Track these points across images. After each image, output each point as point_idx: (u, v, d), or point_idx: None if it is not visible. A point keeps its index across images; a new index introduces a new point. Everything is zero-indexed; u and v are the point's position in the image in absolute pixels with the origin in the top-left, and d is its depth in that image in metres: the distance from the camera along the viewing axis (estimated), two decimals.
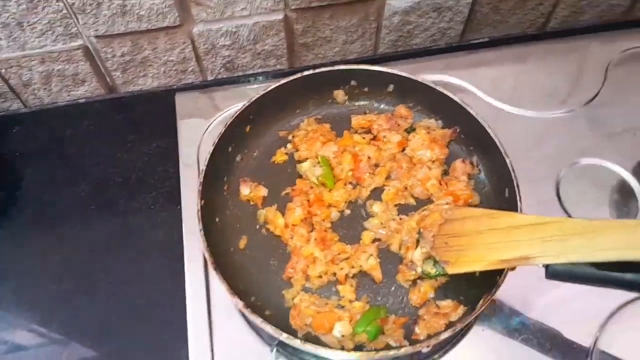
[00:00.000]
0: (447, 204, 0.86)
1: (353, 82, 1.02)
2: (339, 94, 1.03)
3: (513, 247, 0.72)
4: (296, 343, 0.68)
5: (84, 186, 1.05)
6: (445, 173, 0.95)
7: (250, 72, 1.17)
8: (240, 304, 0.71)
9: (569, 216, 0.93)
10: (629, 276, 0.64)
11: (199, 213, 0.78)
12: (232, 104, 1.08)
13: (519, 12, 1.16)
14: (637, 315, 0.84)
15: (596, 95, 1.10)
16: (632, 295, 0.84)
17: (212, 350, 0.82)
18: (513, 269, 0.75)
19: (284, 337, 0.69)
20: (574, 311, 0.85)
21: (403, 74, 0.97)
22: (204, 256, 0.83)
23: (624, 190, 0.98)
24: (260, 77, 1.17)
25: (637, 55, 1.15)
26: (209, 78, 1.17)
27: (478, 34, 1.21)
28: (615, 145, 1.02)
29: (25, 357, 0.87)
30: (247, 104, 0.88)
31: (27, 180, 1.06)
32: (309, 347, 0.69)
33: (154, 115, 1.14)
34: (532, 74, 1.15)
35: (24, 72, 1.06)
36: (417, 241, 0.83)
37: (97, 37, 1.02)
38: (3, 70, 1.05)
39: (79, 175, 1.07)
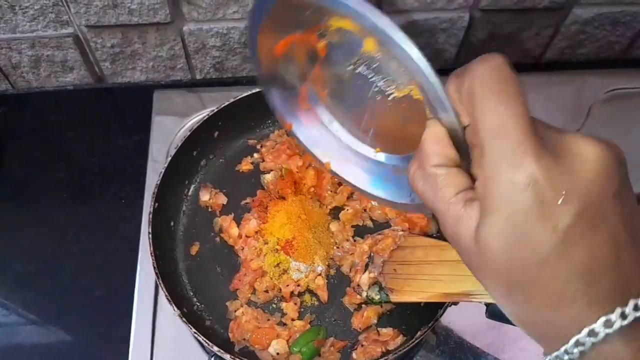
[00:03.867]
0: (402, 230, 0.85)
1: None
2: None
3: (457, 281, 0.70)
4: (226, 357, 0.68)
5: (61, 172, 1.06)
6: None
7: (240, 74, 1.17)
8: (177, 312, 0.71)
9: None
10: None
11: (150, 216, 0.78)
12: (213, 106, 1.06)
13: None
14: None
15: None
16: None
17: (152, 351, 0.82)
18: (456, 303, 0.74)
19: (215, 349, 0.69)
20: (519, 350, 0.83)
21: None
22: None
23: None
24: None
25: (621, 97, 1.12)
26: (198, 77, 1.17)
27: None
28: None
29: None
30: (216, 110, 0.88)
31: (6, 160, 1.07)
32: None
33: (138, 108, 1.13)
34: None
35: (13, 54, 1.07)
36: (367, 265, 0.82)
37: (87, 26, 1.02)
38: None
39: (58, 161, 1.08)
